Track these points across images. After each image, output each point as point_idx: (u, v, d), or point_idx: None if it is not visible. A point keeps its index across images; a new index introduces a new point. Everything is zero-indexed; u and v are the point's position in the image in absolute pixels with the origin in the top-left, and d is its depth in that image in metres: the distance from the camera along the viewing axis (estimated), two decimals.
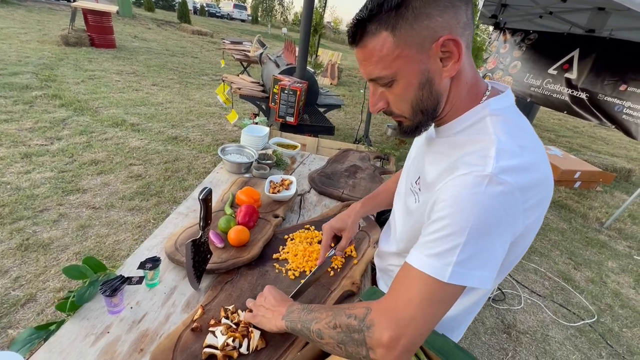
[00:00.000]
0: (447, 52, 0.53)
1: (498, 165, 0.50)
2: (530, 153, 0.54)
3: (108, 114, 4.09)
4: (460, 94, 0.59)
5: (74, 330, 0.75)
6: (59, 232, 2.19)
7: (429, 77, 0.55)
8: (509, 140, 0.53)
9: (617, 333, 2.26)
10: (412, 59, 0.54)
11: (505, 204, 0.49)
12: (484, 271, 0.50)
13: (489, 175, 0.49)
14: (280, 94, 2.41)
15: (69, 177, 2.75)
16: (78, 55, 6.41)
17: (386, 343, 0.50)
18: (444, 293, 0.50)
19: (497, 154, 0.51)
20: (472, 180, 0.50)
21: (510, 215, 0.50)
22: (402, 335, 0.49)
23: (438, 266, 0.50)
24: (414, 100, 0.58)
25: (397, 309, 0.51)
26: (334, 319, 0.58)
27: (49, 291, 1.79)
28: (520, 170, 0.51)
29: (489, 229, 0.49)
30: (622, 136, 7.84)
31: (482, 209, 0.48)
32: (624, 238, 3.53)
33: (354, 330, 0.54)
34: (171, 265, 0.97)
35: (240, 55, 5.49)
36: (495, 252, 0.51)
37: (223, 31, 16.54)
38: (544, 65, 4.26)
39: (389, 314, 0.52)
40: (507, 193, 0.49)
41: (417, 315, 0.50)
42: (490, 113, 0.57)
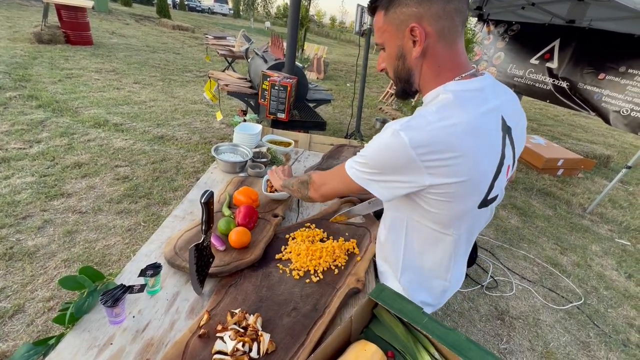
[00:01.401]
0: (415, 36, 0.68)
1: (403, 124, 0.66)
2: (447, 126, 0.64)
3: (89, 114, 3.94)
4: (430, 72, 0.72)
5: (75, 343, 0.72)
6: (45, 239, 2.11)
7: (402, 52, 0.73)
8: (431, 113, 0.66)
9: (603, 314, 2.36)
10: (393, 35, 0.72)
11: (397, 152, 0.66)
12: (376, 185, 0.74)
13: (393, 130, 0.66)
14: (271, 90, 2.37)
15: (52, 182, 2.64)
16: (53, 53, 6.13)
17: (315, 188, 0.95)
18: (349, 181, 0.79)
19: (412, 117, 0.67)
20: (385, 131, 0.69)
21: (403, 163, 0.67)
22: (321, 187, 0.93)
23: (351, 166, 0.79)
24: (393, 67, 0.76)
25: (324, 177, 0.93)
26: (300, 178, 1.04)
27: (38, 301, 1.73)
28: (420, 133, 0.64)
29: (383, 162, 0.70)
30: (600, 124, 8.13)
31: (381, 149, 0.70)
32: (605, 222, 3.67)
33: (304, 182, 1.00)
34: (171, 270, 0.94)
35: (225, 50, 5.37)
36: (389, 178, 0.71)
37: (205, 26, 16.13)
38: (527, 55, 4.35)
39: (320, 178, 0.94)
40: (401, 145, 0.65)
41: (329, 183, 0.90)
42: (443, 92, 0.69)
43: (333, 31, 24.28)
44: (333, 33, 23.38)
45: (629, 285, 2.72)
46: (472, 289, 2.39)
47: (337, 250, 1.06)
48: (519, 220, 3.40)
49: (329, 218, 1.25)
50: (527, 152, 4.73)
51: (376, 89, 8.52)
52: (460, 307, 2.21)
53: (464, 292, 2.34)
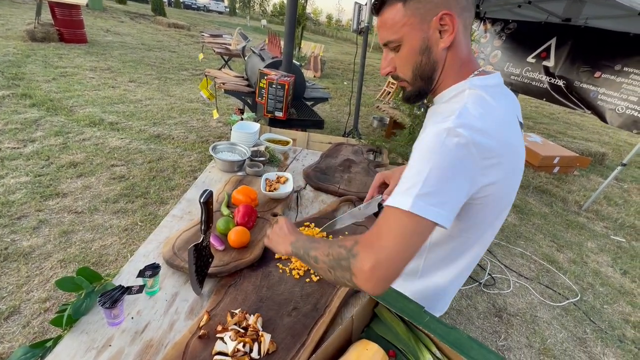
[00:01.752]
0: (444, 25, 0.64)
1: (457, 121, 0.58)
2: (493, 122, 0.61)
3: (84, 113, 3.90)
4: (453, 66, 0.68)
5: (72, 345, 0.71)
6: (40, 239, 2.09)
7: (428, 44, 0.66)
8: (473, 108, 0.61)
9: (599, 310, 2.39)
10: (416, 27, 0.65)
11: (460, 153, 0.57)
12: (441, 209, 0.57)
13: (448, 128, 0.57)
14: (268, 89, 2.35)
15: (47, 181, 2.61)
16: (47, 52, 6.06)
17: (366, 270, 0.57)
18: (413, 224, 0.56)
19: (459, 112, 0.60)
20: (435, 132, 0.58)
21: (465, 165, 0.58)
22: (379, 264, 0.56)
23: (402, 200, 0.57)
24: (415, 64, 0.68)
25: (377, 242, 0.58)
26: (329, 249, 0.66)
27: (33, 302, 1.71)
28: (477, 130, 0.58)
29: (445, 172, 0.57)
30: (595, 121, 8.20)
31: (440, 155, 0.57)
32: (600, 219, 3.70)
33: (342, 258, 0.62)
34: (170, 270, 0.94)
35: (221, 48, 5.34)
36: (451, 195, 0.58)
37: (200, 24, 16.02)
38: (523, 54, 4.36)
39: (371, 245, 0.59)
40: (463, 145, 0.57)
41: (391, 246, 0.56)
42: (469, 87, 0.65)
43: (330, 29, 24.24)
44: (330, 31, 23.34)
45: (624, 281, 2.74)
46: (470, 286, 2.40)
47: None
48: (515, 218, 3.42)
49: (328, 217, 1.25)
50: None
51: (373, 87, 8.52)
52: (459, 305, 2.22)
53: (462, 290, 2.35)
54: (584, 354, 2.03)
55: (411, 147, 0.92)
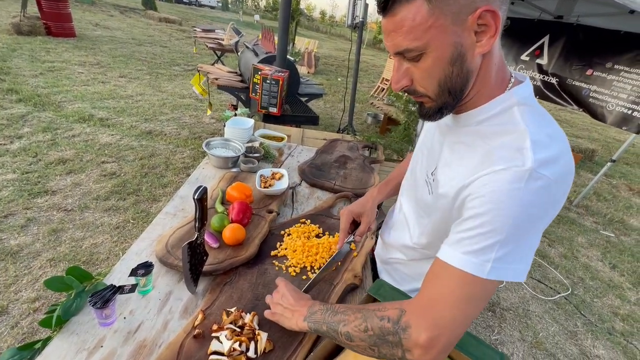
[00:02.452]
0: (483, 26, 0.49)
1: (536, 159, 0.48)
2: (558, 142, 0.53)
3: (73, 108, 3.82)
4: (489, 76, 0.56)
5: (62, 347, 0.69)
6: (29, 238, 2.04)
7: (461, 51, 0.51)
8: (538, 131, 0.52)
9: (590, 303, 2.43)
10: (446, 30, 0.49)
11: (544, 198, 0.49)
12: (521, 264, 0.50)
13: (529, 170, 0.48)
14: (262, 84, 2.32)
15: (35, 179, 2.55)
16: (33, 45, 5.90)
17: (424, 344, 0.49)
18: (482, 289, 0.50)
19: (532, 145, 0.49)
20: (512, 176, 0.48)
21: (547, 209, 0.50)
22: (440, 335, 0.49)
23: (477, 263, 0.49)
24: (443, 77, 0.54)
25: (434, 309, 0.50)
26: (365, 322, 0.56)
27: (22, 302, 1.67)
28: (555, 162, 0.50)
29: (528, 224, 0.49)
30: (585, 118, 8.32)
31: (523, 205, 0.48)
32: (590, 214, 3.77)
33: (388, 333, 0.52)
34: (163, 269, 0.91)
35: (214, 43, 5.26)
36: (531, 245, 0.51)
37: (192, 19, 15.77)
38: (517, 51, 4.39)
39: (425, 314, 0.51)
40: (546, 187, 0.48)
41: (455, 314, 0.49)
42: (518, 102, 0.55)
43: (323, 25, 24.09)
44: (323, 27, 23.20)
45: (613, 275, 2.80)
46: None
47: (333, 246, 1.04)
48: None
49: (324, 213, 1.24)
50: None
51: (367, 83, 8.51)
52: None
53: None
54: (575, 346, 2.07)
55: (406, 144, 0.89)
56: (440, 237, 0.61)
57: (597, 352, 2.05)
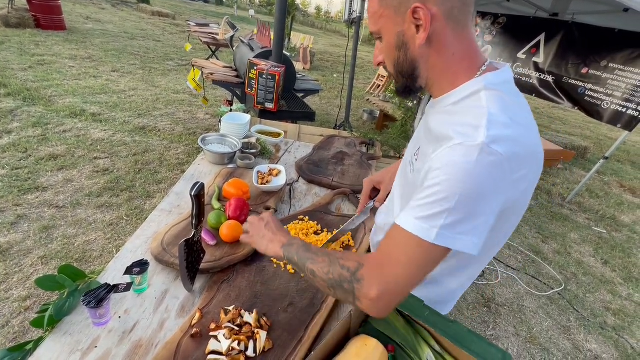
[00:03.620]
0: (419, 20, 0.56)
1: (489, 135, 0.51)
2: (521, 127, 0.55)
3: (64, 103, 3.73)
4: (442, 64, 0.61)
5: (55, 348, 0.67)
6: (19, 235, 1.99)
7: (404, 40, 0.60)
8: (500, 112, 0.54)
9: (582, 299, 2.46)
10: (391, 20, 0.60)
11: (495, 173, 0.51)
12: (471, 237, 0.53)
13: (481, 145, 0.50)
14: (258, 79, 2.29)
15: (25, 175, 2.49)
16: (22, 38, 5.75)
17: (373, 297, 0.54)
18: (429, 254, 0.54)
19: (488, 124, 0.52)
20: (465, 150, 0.52)
21: (499, 186, 0.52)
22: (387, 292, 0.54)
23: (426, 228, 0.53)
24: (393, 59, 0.64)
25: (385, 267, 0.56)
26: (329, 266, 0.62)
27: (13, 301, 1.63)
28: (511, 141, 0.52)
29: (477, 197, 0.51)
30: (578, 116, 8.41)
31: (473, 177, 0.51)
32: (583, 211, 3.81)
33: (345, 281, 0.59)
34: (159, 267, 0.90)
35: (208, 38, 5.18)
36: (483, 220, 0.53)
37: (186, 13, 15.52)
38: (514, 49, 4.39)
39: (378, 271, 0.56)
40: (497, 163, 0.51)
41: (403, 274, 0.55)
42: (486, 87, 0.58)
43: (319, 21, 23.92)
44: (319, 23, 23.04)
45: (605, 271, 2.84)
46: None
47: (332, 243, 1.03)
48: None
49: (322, 210, 1.23)
50: None
51: (363, 80, 8.48)
52: None
53: None
54: (568, 341, 2.10)
55: (403, 140, 0.91)
56: None
57: (590, 347, 2.08)
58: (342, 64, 9.52)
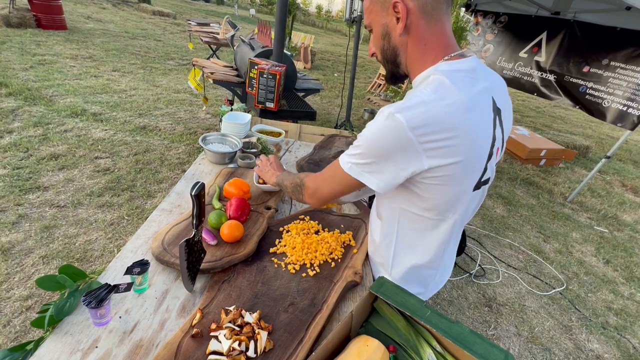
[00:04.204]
0: (398, 13, 0.68)
1: (398, 106, 0.64)
2: (444, 107, 0.63)
3: (65, 103, 3.74)
4: (417, 52, 0.72)
5: (56, 348, 0.67)
6: (20, 234, 2.00)
7: (387, 30, 0.73)
8: (428, 94, 0.64)
9: (584, 298, 2.46)
10: (378, 13, 0.73)
11: (394, 135, 0.64)
12: (372, 177, 0.71)
13: (389, 112, 0.64)
14: (259, 79, 2.28)
15: (26, 174, 2.49)
16: (23, 38, 5.76)
17: (310, 194, 0.88)
18: (345, 179, 0.76)
19: (407, 98, 0.66)
20: (379, 116, 0.67)
21: (401, 147, 0.65)
22: (316, 192, 0.86)
23: (346, 161, 0.75)
24: (380, 48, 0.77)
25: (318, 180, 0.86)
26: (292, 181, 0.95)
27: (14, 300, 1.64)
28: (417, 113, 0.63)
29: (380, 150, 0.68)
30: (579, 115, 8.38)
31: (378, 134, 0.67)
32: (584, 210, 3.80)
33: (297, 185, 0.92)
34: (160, 267, 0.89)
35: (209, 37, 5.18)
36: (385, 168, 0.69)
37: (187, 12, 15.51)
38: (515, 48, 4.38)
39: (313, 181, 0.87)
40: (398, 128, 0.63)
41: (326, 186, 0.83)
42: (435, 72, 0.68)
43: (319, 20, 23.87)
44: (319, 22, 22.99)
45: (606, 270, 2.83)
46: (460, 277, 2.43)
47: (333, 242, 1.03)
48: (504, 210, 3.48)
49: (322, 210, 1.22)
50: (512, 143, 4.82)
51: (364, 79, 8.47)
52: (450, 296, 2.25)
53: (453, 281, 2.38)
54: (570, 341, 2.09)
55: None
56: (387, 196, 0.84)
57: (592, 346, 2.08)
58: (343, 63, 9.51)
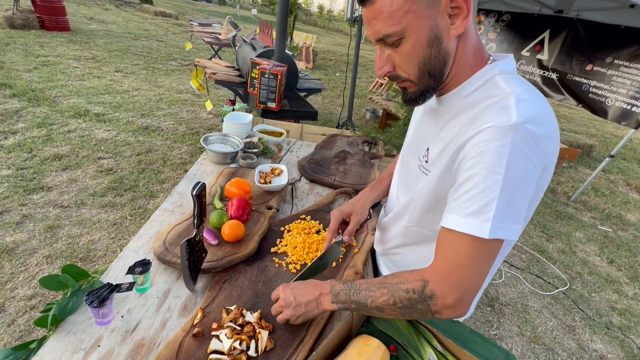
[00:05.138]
0: (456, 8, 0.53)
1: (521, 114, 0.50)
2: (544, 103, 0.55)
3: (68, 103, 3.76)
4: (466, 56, 0.59)
5: (59, 347, 0.67)
6: (24, 234, 2.01)
7: (437, 34, 0.54)
8: (523, 92, 0.53)
9: (587, 298, 2.44)
10: (422, 14, 0.53)
11: (531, 153, 0.50)
12: (516, 224, 0.52)
13: (514, 125, 0.49)
14: (260, 79, 2.29)
15: (30, 175, 2.51)
16: (27, 39, 5.80)
17: (451, 305, 0.54)
18: (489, 249, 0.52)
19: (517, 103, 0.51)
20: (498, 133, 0.50)
21: (535, 166, 0.51)
22: (462, 296, 0.54)
23: (477, 224, 0.51)
24: (422, 59, 0.57)
25: (452, 274, 0.54)
26: (392, 297, 0.60)
27: (19, 299, 1.65)
28: (542, 121, 0.51)
29: (518, 180, 0.50)
30: (583, 114, 8.32)
31: (511, 160, 0.49)
32: (588, 210, 3.78)
33: (416, 302, 0.57)
34: (161, 266, 0.90)
35: (211, 38, 5.19)
36: (524, 203, 0.52)
37: (189, 12, 15.56)
38: (518, 47, 4.35)
39: (446, 281, 0.55)
40: (532, 142, 0.49)
41: (470, 276, 0.54)
42: (500, 72, 0.57)
43: (321, 20, 23.87)
44: (321, 22, 22.98)
45: (610, 270, 2.81)
46: None
47: None
48: None
49: (324, 209, 1.22)
50: None
51: (365, 79, 8.46)
52: None
53: None
54: (573, 341, 2.08)
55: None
56: (434, 209, 0.65)
57: (595, 347, 2.07)
58: (345, 63, 9.50)
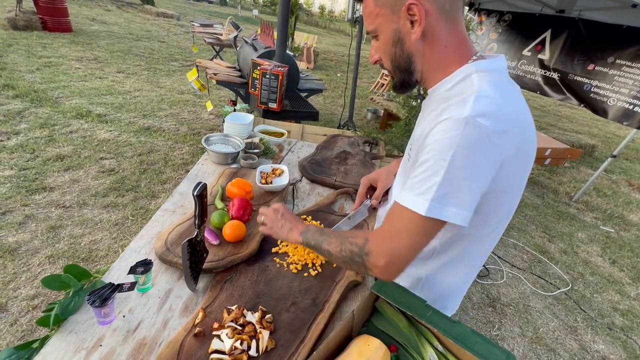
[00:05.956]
0: (413, 16, 0.60)
1: (475, 109, 0.53)
2: (513, 104, 0.58)
3: (70, 104, 3.78)
4: (436, 57, 0.64)
5: (61, 346, 0.68)
6: (27, 235, 2.02)
7: (400, 36, 0.63)
8: (490, 90, 0.56)
9: (589, 299, 2.43)
10: (387, 18, 0.63)
11: (481, 146, 0.53)
12: (459, 209, 0.56)
13: (466, 118, 0.53)
14: (261, 79, 2.29)
15: (32, 175, 2.53)
16: (29, 41, 5.83)
17: (382, 266, 0.62)
18: (425, 226, 0.58)
19: (475, 99, 0.55)
20: (451, 124, 0.54)
21: (486, 158, 0.55)
22: (392, 261, 0.61)
23: (419, 202, 0.57)
24: (390, 56, 0.67)
25: (388, 240, 0.62)
26: (341, 245, 0.70)
27: (21, 299, 1.66)
28: (498, 117, 0.54)
29: (465, 171, 0.54)
30: (585, 114, 8.29)
31: (459, 150, 0.53)
32: (590, 210, 3.77)
33: (355, 255, 0.67)
34: (163, 266, 0.90)
35: (212, 38, 5.21)
36: (471, 192, 0.56)
37: (190, 13, 15.60)
38: (519, 46, 4.35)
39: (381, 244, 0.63)
40: (484, 137, 0.53)
41: (403, 245, 0.61)
42: (477, 70, 0.60)
43: (322, 20, 23.88)
44: (322, 22, 22.99)
45: (613, 270, 2.80)
46: None
47: None
48: None
49: (325, 210, 1.22)
50: None
51: (367, 79, 8.45)
52: None
53: None
54: (575, 342, 2.07)
55: (407, 139, 0.90)
56: None
57: (597, 347, 2.06)
58: (346, 63, 9.50)
